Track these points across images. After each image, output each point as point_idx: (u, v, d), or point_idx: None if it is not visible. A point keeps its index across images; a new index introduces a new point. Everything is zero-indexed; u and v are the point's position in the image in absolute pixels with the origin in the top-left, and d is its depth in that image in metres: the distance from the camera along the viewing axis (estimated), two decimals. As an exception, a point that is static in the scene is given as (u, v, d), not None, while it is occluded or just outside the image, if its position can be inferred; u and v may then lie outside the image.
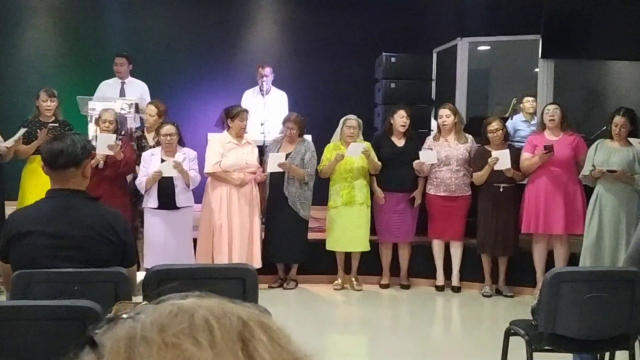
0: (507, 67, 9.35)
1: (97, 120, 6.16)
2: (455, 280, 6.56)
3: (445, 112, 6.53)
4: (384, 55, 7.64)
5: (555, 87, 7.33)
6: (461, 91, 7.80)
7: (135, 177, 6.17)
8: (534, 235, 6.26)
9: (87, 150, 2.94)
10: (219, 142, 6.31)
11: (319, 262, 6.63)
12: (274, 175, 6.38)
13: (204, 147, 6.44)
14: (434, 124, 7.42)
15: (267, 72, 7.27)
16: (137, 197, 6.20)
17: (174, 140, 5.97)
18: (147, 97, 7.18)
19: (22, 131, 6.12)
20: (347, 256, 6.62)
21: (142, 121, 6.88)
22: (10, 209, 5.97)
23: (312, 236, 6.67)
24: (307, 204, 6.44)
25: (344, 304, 6.38)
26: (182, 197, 6.00)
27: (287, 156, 6.35)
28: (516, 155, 6.28)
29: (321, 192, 6.59)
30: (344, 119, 6.49)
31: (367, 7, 8.62)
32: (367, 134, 6.86)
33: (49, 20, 8.60)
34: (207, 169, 6.23)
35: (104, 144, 5.76)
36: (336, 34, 8.58)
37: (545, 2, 7.11)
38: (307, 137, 6.63)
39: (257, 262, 6.13)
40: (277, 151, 6.41)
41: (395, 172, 6.48)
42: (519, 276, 6.44)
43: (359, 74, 8.41)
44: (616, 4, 7.18)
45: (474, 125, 6.89)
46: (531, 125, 7.59)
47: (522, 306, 5.75)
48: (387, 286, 6.68)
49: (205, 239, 6.26)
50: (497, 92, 9.69)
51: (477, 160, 6.37)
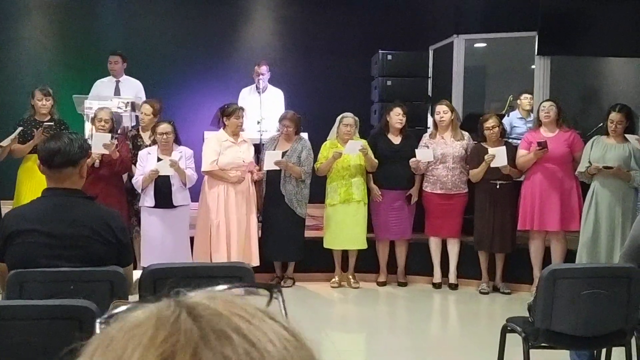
0: (504, 64, 9.36)
1: (93, 119, 6.15)
2: (452, 277, 6.56)
3: (442, 109, 6.52)
4: (380, 52, 7.64)
5: (551, 83, 7.34)
6: (457, 88, 7.81)
7: (131, 176, 6.16)
8: (531, 232, 6.27)
9: (84, 149, 2.93)
10: (215, 140, 6.29)
11: (316, 260, 6.63)
12: (270, 173, 6.38)
13: (201, 146, 6.43)
14: (430, 122, 7.42)
15: (264, 69, 7.27)
16: (133, 196, 6.20)
17: (170, 138, 5.96)
18: (142, 95, 7.18)
19: (18, 130, 6.10)
20: (345, 254, 6.62)
21: (137, 119, 6.87)
22: (6, 208, 5.96)
23: (309, 234, 6.67)
24: (304, 201, 6.43)
25: (341, 302, 6.38)
26: (179, 195, 5.99)
27: (284, 154, 6.34)
28: (513, 152, 6.28)
29: (318, 190, 6.59)
30: (340, 117, 6.49)
31: (363, 5, 8.62)
32: (364, 131, 6.86)
33: (45, 19, 8.58)
34: (204, 168, 6.22)
35: (99, 143, 5.75)
36: (332, 31, 8.58)
37: (541, -2, 7.12)
38: (304, 135, 6.62)
39: (254, 260, 6.12)
40: (274, 149, 6.40)
41: (391, 170, 6.48)
42: (516, 273, 6.45)
43: (356, 72, 8.41)
44: (612, 1, 7.19)
45: (471, 122, 6.89)
46: (527, 122, 7.60)
47: (519, 303, 5.75)
48: (384, 284, 6.68)
49: (202, 237, 6.25)
50: (493, 89, 9.70)
51: (473, 157, 6.37)
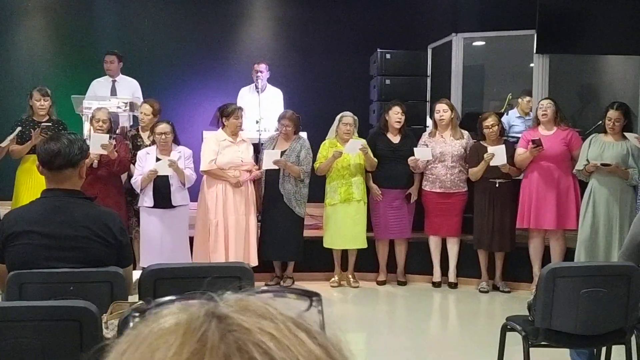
0: (502, 62, 9.34)
1: (91, 119, 6.15)
2: (452, 276, 6.56)
3: (442, 107, 6.52)
4: (378, 51, 7.64)
5: (550, 82, 7.33)
6: (456, 87, 7.80)
7: (131, 176, 6.16)
8: (530, 230, 6.27)
9: (84, 150, 2.93)
10: (214, 140, 6.29)
11: (315, 260, 6.62)
12: (269, 172, 6.37)
13: (199, 145, 6.42)
14: (429, 121, 7.42)
15: (262, 68, 7.26)
16: (133, 196, 6.19)
17: (168, 138, 5.96)
18: (139, 95, 7.16)
19: (17, 130, 6.10)
20: (344, 253, 6.62)
21: (134, 119, 6.86)
22: (4, 208, 5.95)
23: (308, 233, 6.66)
24: (303, 201, 6.42)
25: (341, 301, 6.37)
26: (178, 195, 5.99)
27: (283, 153, 6.33)
28: (512, 150, 6.28)
29: (317, 189, 6.59)
30: (339, 116, 6.48)
31: (362, 4, 8.61)
32: (363, 130, 6.86)
33: (42, 19, 8.57)
34: (203, 167, 6.22)
35: (97, 144, 5.75)
36: (331, 30, 8.57)
37: (539, -3, 7.11)
38: (303, 135, 6.62)
39: (253, 260, 6.12)
40: (273, 148, 6.39)
41: (391, 169, 6.48)
42: (516, 272, 6.45)
43: (354, 71, 8.41)
44: (611, -1, 7.19)
45: (470, 121, 6.89)
46: (526, 120, 7.60)
47: (518, 301, 5.76)
48: (384, 283, 6.68)
49: (201, 237, 6.25)
50: (492, 87, 9.69)
51: (472, 156, 6.37)
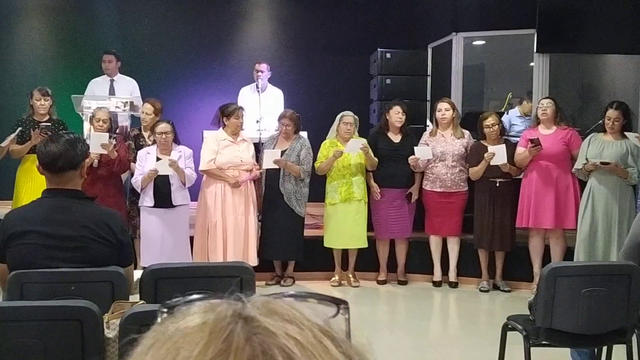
0: (503, 61, 9.35)
1: (91, 119, 6.15)
2: (452, 275, 6.56)
3: (444, 106, 6.51)
4: (379, 51, 7.63)
5: (550, 81, 7.33)
6: (456, 86, 7.80)
7: (131, 176, 6.16)
8: (530, 230, 6.27)
9: (84, 151, 2.93)
10: (213, 139, 6.29)
11: (316, 259, 6.62)
12: (269, 172, 6.37)
13: (200, 145, 6.42)
14: (429, 120, 7.42)
15: (263, 68, 7.25)
16: (137, 196, 6.18)
17: (169, 138, 5.96)
18: (138, 94, 7.13)
19: (17, 130, 6.10)
20: (344, 253, 6.62)
21: (133, 119, 6.84)
22: (4, 208, 5.95)
23: (309, 233, 6.66)
24: (303, 200, 6.42)
25: (341, 301, 6.36)
26: (178, 195, 5.99)
27: (283, 153, 6.33)
28: (512, 150, 6.28)
29: (318, 188, 6.59)
30: (340, 116, 6.48)
31: (362, 3, 8.60)
32: (363, 130, 6.85)
33: (42, 19, 8.56)
34: (202, 167, 6.22)
35: (97, 143, 5.74)
36: (331, 30, 8.57)
37: (539, -4, 7.11)
38: (303, 134, 6.62)
39: (252, 260, 6.10)
40: (273, 148, 6.39)
41: (392, 168, 6.48)
42: (516, 271, 6.45)
43: (354, 70, 8.40)
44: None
45: (470, 120, 6.89)
46: (526, 119, 7.60)
47: (519, 301, 5.76)
48: (384, 282, 6.68)
49: (200, 236, 6.25)
50: (492, 87, 9.70)
51: (473, 155, 6.37)
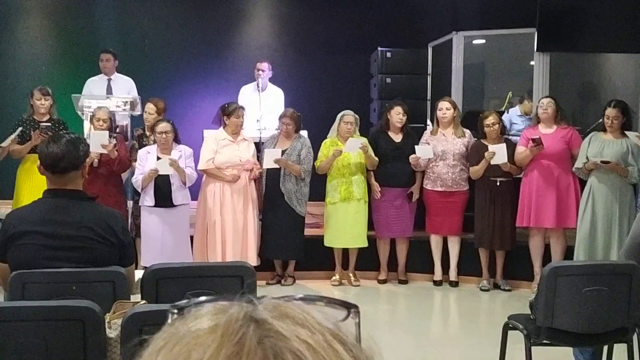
0: (503, 60, 9.35)
1: (92, 118, 6.14)
2: (452, 274, 6.56)
3: (445, 105, 6.51)
4: (379, 50, 7.63)
5: (550, 80, 7.33)
6: (457, 85, 7.80)
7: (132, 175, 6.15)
8: (530, 229, 6.27)
9: (86, 151, 2.93)
10: (213, 139, 6.29)
11: (316, 258, 6.62)
12: (270, 171, 6.37)
13: (200, 144, 6.42)
14: (429, 119, 7.42)
15: (264, 67, 7.24)
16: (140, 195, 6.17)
17: (169, 137, 5.96)
18: (135, 93, 7.10)
19: (18, 130, 6.09)
20: (345, 252, 6.62)
21: (134, 118, 6.83)
22: (5, 208, 5.95)
23: (309, 232, 6.66)
24: (304, 200, 6.42)
25: (342, 300, 6.36)
26: (179, 194, 5.99)
27: (283, 152, 6.33)
28: (512, 149, 6.28)
29: (318, 188, 6.59)
30: (341, 115, 6.48)
31: (362, 2, 8.60)
32: (363, 129, 6.85)
33: (42, 18, 8.55)
34: (200, 166, 6.22)
35: (97, 142, 5.74)
36: (331, 29, 8.56)
37: (540, -6, 7.11)
38: (303, 133, 6.62)
39: (252, 259, 6.08)
40: (274, 147, 6.39)
41: (392, 168, 6.48)
42: (517, 270, 6.45)
43: (355, 69, 8.40)
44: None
45: (470, 119, 6.89)
46: (527, 118, 7.60)
47: (519, 300, 5.77)
48: (384, 281, 6.68)
49: (200, 236, 6.25)
50: (492, 86, 9.69)
51: (473, 154, 6.37)
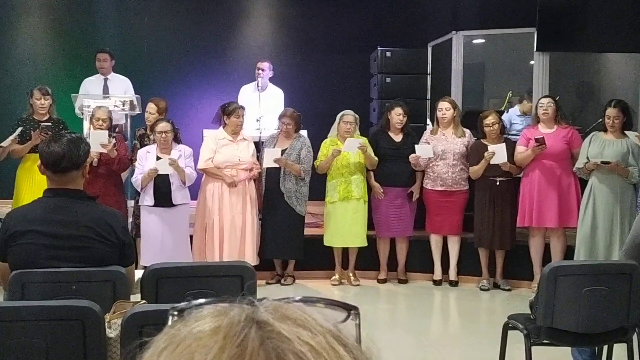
0: (502, 60, 9.35)
1: (91, 118, 6.14)
2: (452, 274, 6.56)
3: (444, 105, 6.51)
4: (379, 49, 7.64)
5: (550, 80, 7.33)
6: (456, 85, 7.80)
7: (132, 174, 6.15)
8: (530, 228, 6.26)
9: (87, 151, 2.93)
10: (212, 138, 6.29)
11: (316, 258, 6.62)
12: (270, 171, 6.37)
13: (200, 144, 6.42)
14: (429, 119, 7.42)
15: (265, 67, 7.24)
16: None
17: (168, 137, 5.95)
18: (131, 93, 7.10)
19: (19, 130, 6.09)
20: (345, 251, 6.62)
21: (127, 117, 6.81)
22: (5, 207, 5.95)
23: (309, 232, 6.66)
24: (304, 199, 6.42)
25: (342, 300, 6.34)
26: (178, 194, 5.98)
27: (283, 152, 6.33)
28: (512, 148, 6.28)
29: (318, 187, 6.59)
30: (340, 114, 6.48)
31: (362, 2, 8.60)
32: (363, 128, 6.86)
33: (42, 18, 8.55)
34: (199, 165, 6.22)
35: (96, 142, 5.73)
36: (331, 29, 8.56)
37: (539, -6, 7.11)
38: (303, 133, 6.61)
39: (250, 259, 6.06)
40: (273, 147, 6.39)
41: (393, 167, 6.47)
42: (516, 269, 6.45)
43: (354, 69, 8.40)
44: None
45: (470, 119, 6.89)
46: (526, 118, 7.60)
47: (519, 299, 5.77)
48: (384, 281, 6.68)
49: (199, 235, 6.25)
50: (492, 85, 9.69)
51: (473, 154, 6.37)
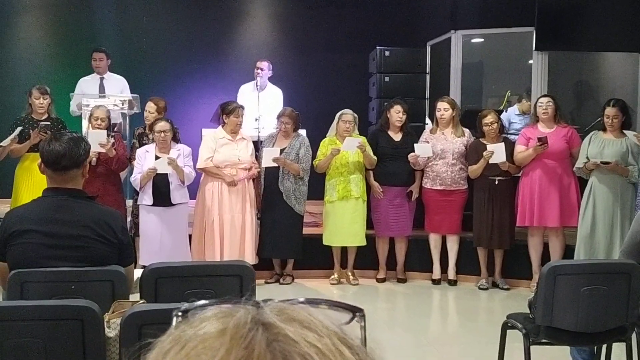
0: (501, 59, 9.35)
1: (90, 117, 6.14)
2: (451, 273, 6.56)
3: (443, 106, 6.51)
4: (378, 49, 7.63)
5: (549, 79, 7.34)
6: (455, 84, 7.80)
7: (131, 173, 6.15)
8: (529, 228, 6.27)
9: (87, 150, 2.93)
10: (211, 137, 6.29)
11: (315, 257, 6.63)
12: (269, 170, 6.37)
13: (199, 143, 6.42)
14: (428, 118, 7.42)
15: (264, 66, 7.24)
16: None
17: (167, 136, 5.95)
18: (127, 92, 7.09)
19: (18, 130, 6.08)
20: (344, 251, 6.62)
21: (123, 117, 6.81)
22: (3, 207, 5.95)
23: (308, 231, 6.67)
24: (302, 198, 6.42)
25: (341, 299, 6.20)
26: (177, 193, 5.98)
27: (282, 151, 6.33)
28: (511, 148, 6.28)
29: (317, 186, 6.59)
30: (339, 114, 6.48)
31: (361, 1, 8.60)
32: (362, 128, 6.86)
33: (41, 17, 8.55)
34: (199, 165, 6.23)
35: (95, 141, 5.72)
36: (330, 28, 8.57)
37: (538, -7, 7.11)
38: (302, 132, 6.61)
39: (249, 258, 6.08)
40: (272, 146, 6.39)
41: (392, 167, 6.47)
42: (515, 269, 6.46)
43: (353, 68, 8.40)
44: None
45: (468, 118, 6.89)
46: (525, 117, 7.60)
47: (518, 298, 5.77)
48: (383, 280, 6.68)
49: (198, 235, 6.25)
50: (491, 84, 9.69)
51: (472, 153, 6.37)
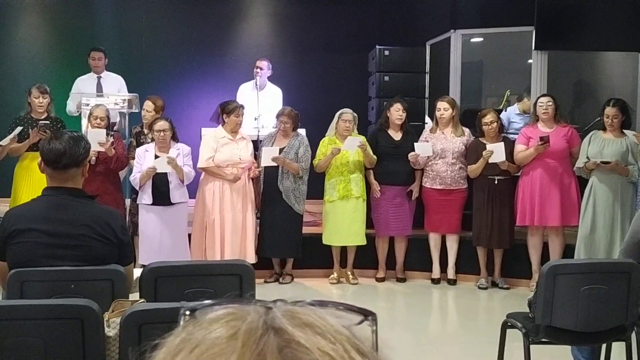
0: (501, 59, 9.34)
1: (89, 116, 6.13)
2: (451, 273, 6.57)
3: (443, 105, 6.51)
4: (377, 48, 7.63)
5: (548, 78, 7.33)
6: (455, 83, 7.79)
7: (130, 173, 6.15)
8: (529, 227, 6.27)
9: (87, 149, 2.93)
10: (212, 137, 6.28)
11: (314, 256, 6.63)
12: (268, 169, 6.37)
13: (198, 143, 6.42)
14: (427, 117, 7.41)
15: (263, 65, 7.23)
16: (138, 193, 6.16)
17: (167, 135, 5.95)
18: (125, 91, 7.08)
19: (18, 129, 6.07)
20: (343, 250, 6.62)
21: (120, 116, 6.81)
22: (2, 206, 5.95)
23: (307, 230, 6.67)
24: (302, 198, 6.42)
25: (340, 298, 6.37)
26: (177, 193, 5.98)
27: (281, 150, 6.33)
28: (510, 147, 6.28)
29: (316, 186, 6.59)
30: (339, 113, 6.47)
31: (360, 1, 8.60)
32: (361, 127, 6.86)
33: (40, 16, 8.54)
34: (200, 164, 6.22)
35: (94, 140, 5.72)
36: (329, 27, 8.56)
37: (538, -7, 7.11)
38: (301, 131, 6.61)
39: (250, 257, 6.10)
40: (271, 145, 6.39)
41: (392, 166, 6.47)
42: (515, 268, 6.46)
43: (353, 68, 8.40)
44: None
45: (468, 117, 6.89)
46: (525, 116, 7.60)
47: (517, 298, 5.77)
48: (383, 279, 6.68)
49: (198, 234, 6.24)
50: (490, 84, 9.68)
51: (471, 153, 6.37)
